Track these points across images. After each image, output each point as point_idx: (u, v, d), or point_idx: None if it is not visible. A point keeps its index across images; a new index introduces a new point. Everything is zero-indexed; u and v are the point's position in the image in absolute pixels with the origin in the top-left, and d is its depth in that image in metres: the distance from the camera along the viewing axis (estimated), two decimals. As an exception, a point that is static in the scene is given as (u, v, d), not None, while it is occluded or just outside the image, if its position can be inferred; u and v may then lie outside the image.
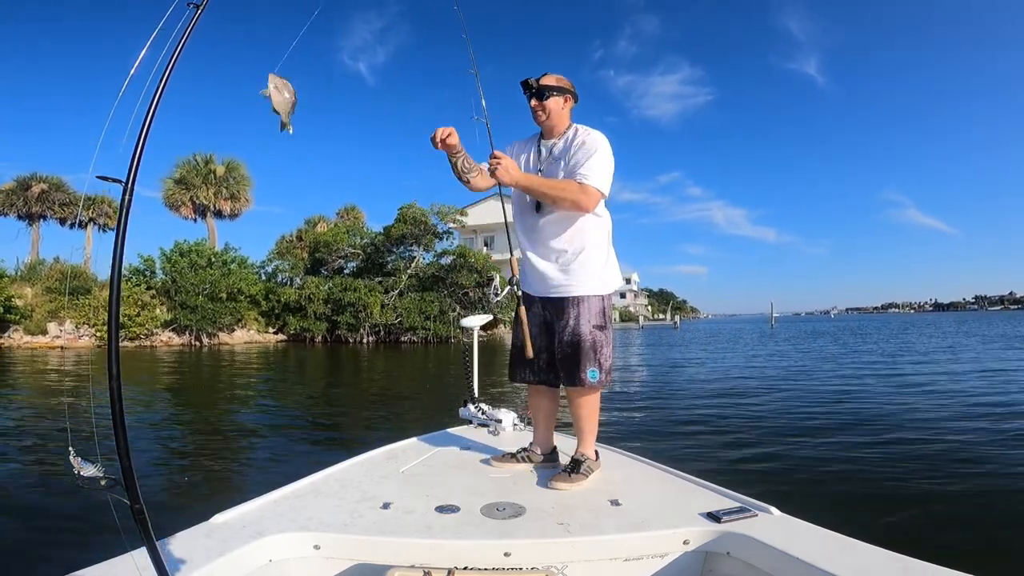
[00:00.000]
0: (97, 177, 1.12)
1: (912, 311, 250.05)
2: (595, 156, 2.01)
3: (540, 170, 2.11)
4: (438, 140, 1.96)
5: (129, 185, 1.11)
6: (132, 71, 1.12)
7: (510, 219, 2.31)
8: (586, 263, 2.10)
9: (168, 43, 1.16)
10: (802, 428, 6.10)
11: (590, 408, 2.10)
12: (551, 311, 2.12)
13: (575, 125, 2.15)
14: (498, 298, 2.14)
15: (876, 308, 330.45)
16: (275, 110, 1.49)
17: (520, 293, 2.19)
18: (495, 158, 1.96)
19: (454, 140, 2.00)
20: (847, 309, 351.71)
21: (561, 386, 2.18)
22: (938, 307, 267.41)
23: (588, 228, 2.11)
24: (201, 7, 1.18)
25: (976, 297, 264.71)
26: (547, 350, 2.13)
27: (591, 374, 2.02)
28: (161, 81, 1.14)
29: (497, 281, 2.11)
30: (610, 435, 5.84)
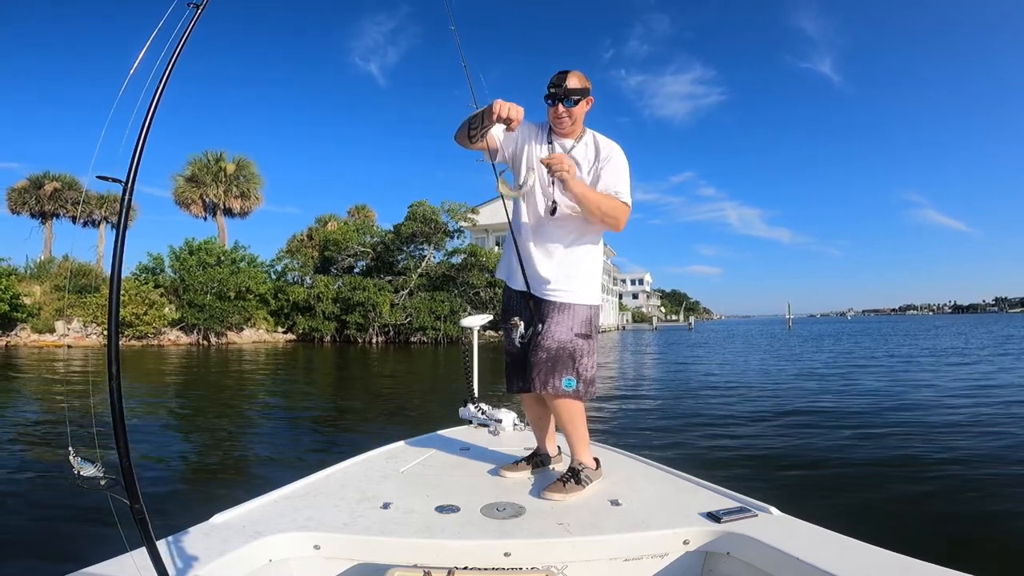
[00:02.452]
0: (97, 177, 1.12)
1: (931, 313, 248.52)
2: (626, 174, 1.99)
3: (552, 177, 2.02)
4: (502, 117, 1.76)
5: (129, 185, 1.10)
6: (132, 71, 1.12)
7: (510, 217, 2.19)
8: (585, 271, 2.06)
9: (168, 43, 1.16)
10: (808, 429, 6.09)
11: (570, 416, 1.99)
12: (536, 312, 2.06)
13: (588, 130, 2.08)
14: (524, 340, 2.08)
15: (894, 310, 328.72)
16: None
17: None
18: (558, 162, 1.82)
19: (510, 130, 1.82)
20: (864, 311, 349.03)
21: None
22: (957, 309, 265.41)
23: (594, 236, 2.09)
24: (201, 7, 1.18)
25: (996, 299, 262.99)
26: None
27: (566, 382, 1.93)
28: (161, 81, 1.13)
29: (523, 326, 2.05)
30: (621, 433, 5.83)
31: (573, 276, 2.03)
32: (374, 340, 28.19)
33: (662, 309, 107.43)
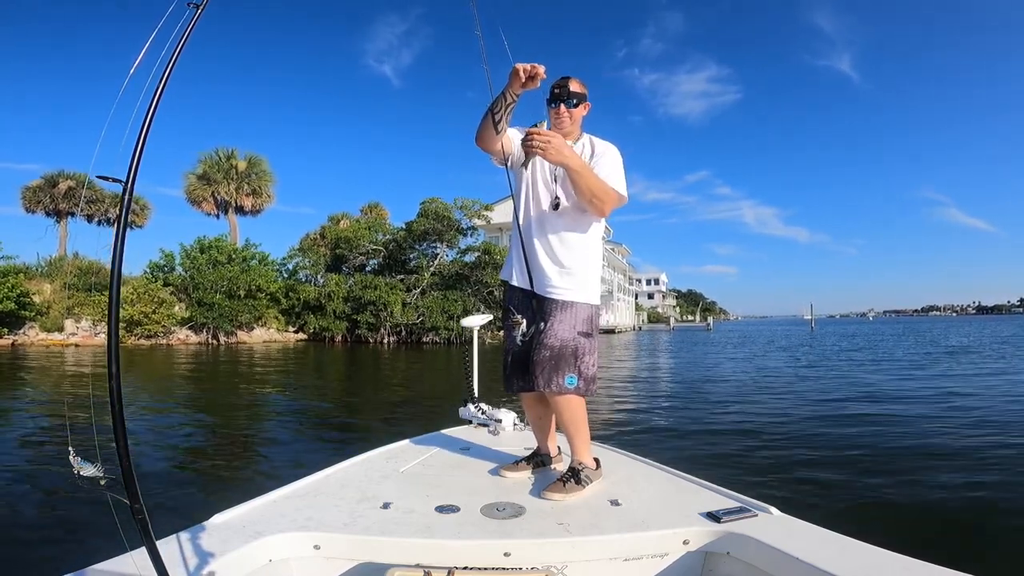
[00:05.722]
0: (97, 177, 1.13)
1: (954, 314, 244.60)
2: (620, 168, 2.07)
3: (555, 172, 2.08)
4: (527, 71, 1.77)
5: (129, 185, 1.11)
6: (132, 71, 1.12)
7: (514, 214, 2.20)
8: (585, 269, 2.08)
9: (168, 43, 1.16)
10: (812, 430, 6.10)
11: (572, 414, 2.01)
12: (538, 311, 2.08)
13: (585, 133, 2.17)
14: (526, 338, 2.10)
15: (916, 311, 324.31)
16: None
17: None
18: (542, 136, 1.79)
19: (535, 85, 1.83)
20: (885, 311, 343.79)
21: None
22: (982, 310, 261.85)
23: (595, 236, 2.12)
24: (201, 7, 1.18)
25: (1021, 300, 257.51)
26: None
27: (568, 380, 1.96)
28: (161, 81, 1.14)
29: (524, 325, 2.07)
30: (634, 435, 5.83)
31: (575, 274, 2.06)
32: (386, 340, 28.04)
33: (677, 309, 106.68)
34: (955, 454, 4.85)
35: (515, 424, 2.90)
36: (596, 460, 2.06)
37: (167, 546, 1.36)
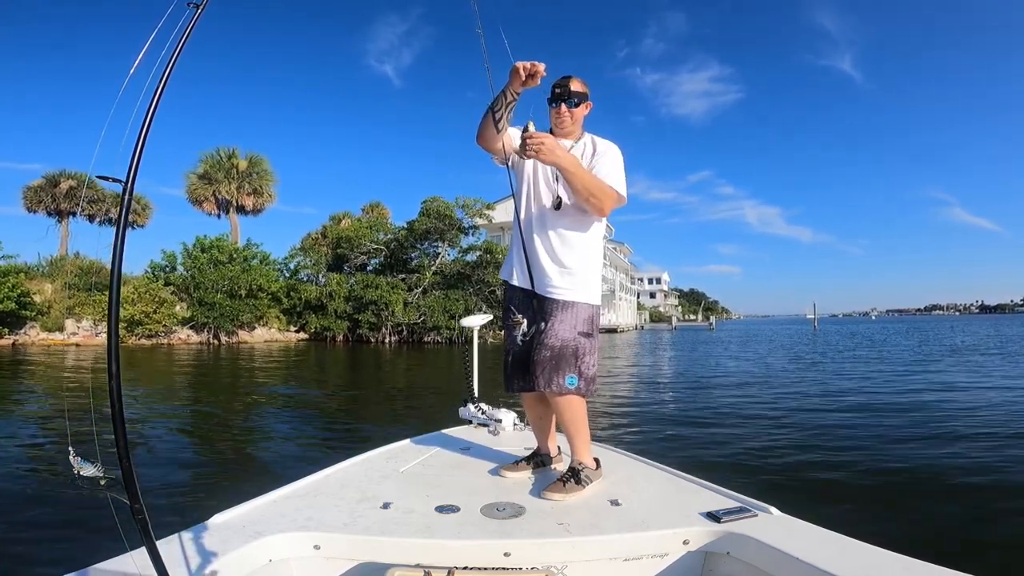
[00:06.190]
0: (97, 177, 1.13)
1: (957, 313, 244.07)
2: (619, 168, 2.06)
3: (556, 171, 2.07)
4: (527, 69, 1.76)
5: (129, 185, 1.11)
6: (132, 71, 1.13)
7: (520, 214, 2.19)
8: (586, 269, 2.08)
9: (168, 43, 1.16)
10: (813, 429, 6.11)
11: (572, 414, 2.00)
12: (539, 310, 2.08)
13: (587, 133, 2.16)
14: (527, 338, 2.09)
15: (919, 310, 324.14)
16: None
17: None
18: (535, 139, 1.80)
19: (535, 83, 1.82)
20: (888, 311, 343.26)
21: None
22: (985, 309, 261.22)
23: (596, 235, 2.12)
24: (201, 7, 1.18)
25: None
26: None
27: (569, 380, 1.95)
28: (161, 81, 1.14)
29: (525, 325, 2.06)
30: (630, 431, 5.82)
31: (576, 274, 2.06)
32: (387, 339, 28.00)
33: (679, 309, 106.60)
34: (957, 453, 4.85)
35: (515, 424, 2.90)
36: (596, 460, 2.06)
37: (167, 546, 1.36)
